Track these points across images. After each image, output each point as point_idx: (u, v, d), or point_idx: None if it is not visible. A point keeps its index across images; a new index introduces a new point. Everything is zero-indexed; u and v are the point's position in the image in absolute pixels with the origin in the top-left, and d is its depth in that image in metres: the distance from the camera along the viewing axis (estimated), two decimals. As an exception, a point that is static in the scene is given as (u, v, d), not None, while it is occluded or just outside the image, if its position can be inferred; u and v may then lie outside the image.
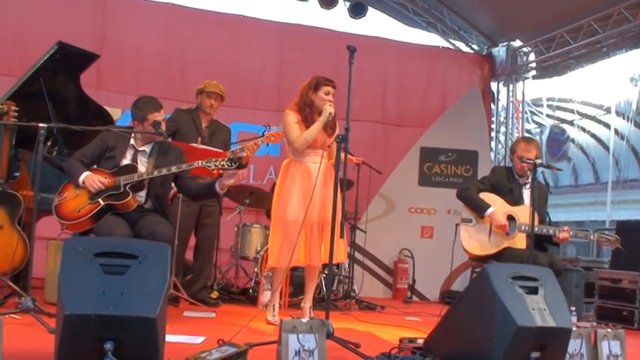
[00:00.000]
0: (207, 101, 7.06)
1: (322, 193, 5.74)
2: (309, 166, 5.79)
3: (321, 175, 5.72)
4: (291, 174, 5.85)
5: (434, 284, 9.93)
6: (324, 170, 5.78)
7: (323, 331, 3.62)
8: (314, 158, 5.82)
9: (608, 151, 15.66)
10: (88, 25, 9.18)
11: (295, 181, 5.78)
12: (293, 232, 5.62)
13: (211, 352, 3.59)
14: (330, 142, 5.87)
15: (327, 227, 5.71)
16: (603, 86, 14.46)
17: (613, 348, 4.29)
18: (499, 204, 6.07)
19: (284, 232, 5.74)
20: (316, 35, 10.54)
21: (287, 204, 5.76)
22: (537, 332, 3.76)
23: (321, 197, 5.73)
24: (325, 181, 5.81)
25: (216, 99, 7.09)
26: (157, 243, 3.57)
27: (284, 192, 5.83)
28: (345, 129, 4.75)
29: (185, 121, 6.98)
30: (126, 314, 3.01)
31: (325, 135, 5.83)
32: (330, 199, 5.79)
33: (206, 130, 7.07)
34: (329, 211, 5.75)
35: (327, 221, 5.73)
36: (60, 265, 3.13)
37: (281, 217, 5.79)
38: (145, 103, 5.40)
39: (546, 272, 4.13)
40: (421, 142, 10.40)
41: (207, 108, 7.06)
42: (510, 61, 11.48)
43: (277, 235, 5.81)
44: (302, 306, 6.08)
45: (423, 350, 4.13)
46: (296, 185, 5.77)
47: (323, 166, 5.78)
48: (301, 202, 5.67)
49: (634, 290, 7.55)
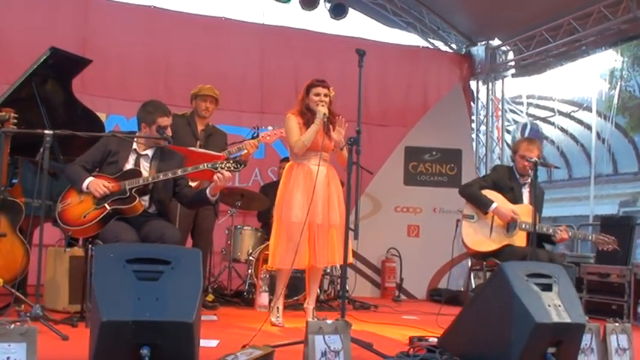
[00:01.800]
0: (202, 105, 7.10)
1: (325, 194, 5.79)
2: (312, 168, 5.81)
3: (323, 176, 5.77)
4: (294, 177, 5.87)
5: (421, 282, 10.04)
6: (325, 172, 5.83)
7: (348, 331, 3.67)
8: (315, 160, 5.83)
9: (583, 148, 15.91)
10: (70, 29, 9.07)
11: (299, 184, 5.81)
12: (297, 233, 5.62)
13: (237, 356, 3.62)
14: (333, 146, 5.90)
15: (332, 229, 5.78)
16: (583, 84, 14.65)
17: (621, 342, 4.39)
18: (500, 201, 6.17)
19: (288, 234, 5.75)
20: (297, 37, 10.55)
21: (291, 206, 5.78)
22: (554, 328, 3.84)
23: (323, 199, 5.77)
24: (328, 183, 5.86)
25: (211, 102, 7.14)
26: (187, 248, 3.59)
27: (287, 194, 5.85)
28: (356, 131, 4.75)
29: (181, 126, 6.97)
30: (163, 319, 3.03)
31: (326, 137, 5.83)
32: (333, 200, 5.85)
33: (202, 133, 7.10)
34: (333, 213, 5.82)
35: (332, 223, 5.79)
36: (93, 273, 3.14)
37: (285, 220, 5.80)
38: (155, 107, 5.42)
39: (558, 269, 4.21)
40: (406, 142, 10.51)
41: (202, 111, 7.11)
42: (489, 60, 11.58)
43: (281, 236, 5.82)
44: (305, 307, 6.12)
45: (440, 348, 4.16)
46: (299, 187, 5.80)
47: (324, 168, 5.83)
48: (305, 204, 5.69)
49: (622, 284, 7.69)
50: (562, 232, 6.07)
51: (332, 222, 5.79)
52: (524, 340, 3.79)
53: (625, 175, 15.62)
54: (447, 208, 9.87)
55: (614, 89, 15.03)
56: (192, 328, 3.07)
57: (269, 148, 9.56)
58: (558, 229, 6.10)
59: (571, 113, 15.90)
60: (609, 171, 14.98)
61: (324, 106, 5.82)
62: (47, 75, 6.45)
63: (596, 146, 14.46)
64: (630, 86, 15.76)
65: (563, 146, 17.34)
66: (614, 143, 14.67)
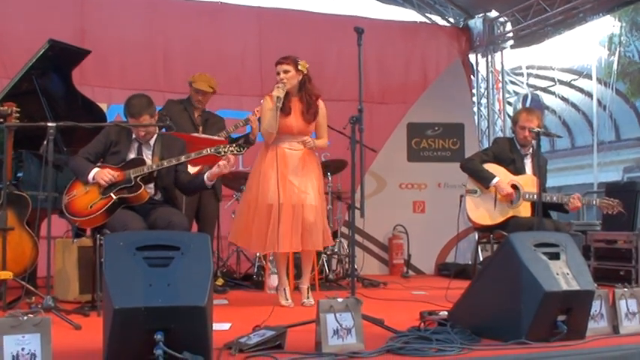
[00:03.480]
0: (195, 97, 7.13)
1: (299, 177, 5.73)
2: (286, 152, 5.77)
3: (297, 159, 5.73)
4: (268, 158, 5.79)
5: (429, 258, 10.04)
6: (300, 155, 5.78)
7: (359, 308, 3.69)
8: (291, 144, 5.80)
9: (585, 116, 15.89)
10: (68, 20, 9.04)
11: (274, 166, 5.71)
12: (272, 216, 5.61)
13: (250, 337, 3.64)
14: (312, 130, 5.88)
15: (305, 211, 5.71)
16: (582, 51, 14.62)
17: (630, 306, 4.42)
18: (502, 174, 6.17)
19: (263, 216, 5.69)
20: (294, 18, 10.51)
21: (267, 188, 5.70)
22: (563, 296, 3.88)
23: (299, 182, 5.71)
24: (304, 167, 5.79)
25: (204, 95, 7.12)
26: (196, 233, 3.61)
27: (262, 176, 5.78)
28: (358, 110, 4.74)
29: (177, 112, 6.98)
30: (175, 304, 3.05)
31: (302, 120, 5.80)
32: (306, 183, 5.78)
33: (199, 119, 7.11)
34: (306, 196, 5.73)
35: (306, 204, 5.72)
36: (104, 262, 3.16)
37: (261, 202, 5.72)
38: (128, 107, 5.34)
39: (565, 238, 4.25)
40: (408, 118, 10.48)
41: (196, 102, 7.13)
42: (487, 32, 11.52)
43: (257, 219, 5.74)
44: (300, 287, 6.08)
45: (450, 322, 4.18)
46: (274, 169, 5.69)
47: (300, 152, 5.79)
48: (280, 186, 5.64)
49: (629, 250, 7.72)
50: (575, 200, 6.05)
51: (309, 202, 5.73)
52: (534, 310, 3.83)
53: (628, 140, 15.60)
54: (451, 182, 9.85)
55: (613, 55, 15.02)
56: (205, 311, 3.09)
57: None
58: (571, 197, 6.09)
59: (571, 82, 15.89)
60: (612, 138, 15.01)
61: (278, 88, 5.69)
62: (47, 67, 6.44)
63: (598, 113, 14.47)
64: (629, 51, 15.72)
65: (565, 115, 17.34)
66: (615, 110, 14.68)
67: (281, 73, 5.77)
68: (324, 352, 3.49)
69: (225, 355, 3.48)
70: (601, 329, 4.26)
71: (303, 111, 5.81)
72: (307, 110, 5.81)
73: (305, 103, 5.83)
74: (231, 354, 3.49)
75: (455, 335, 3.87)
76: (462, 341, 3.78)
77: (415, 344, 3.70)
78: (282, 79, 5.74)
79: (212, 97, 7.34)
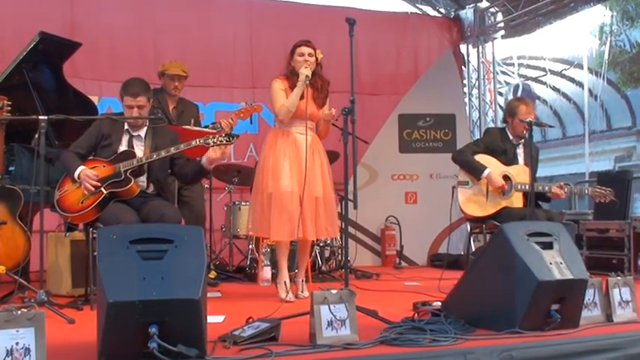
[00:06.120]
0: (170, 84, 6.92)
1: (310, 165, 5.64)
2: (297, 137, 5.74)
3: (308, 146, 5.64)
4: (280, 145, 5.76)
5: (421, 249, 10.07)
6: (310, 141, 5.71)
7: (353, 300, 3.69)
8: (301, 129, 5.76)
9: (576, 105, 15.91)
10: (57, 12, 8.99)
11: (285, 153, 5.70)
12: (289, 203, 5.58)
13: (244, 329, 3.64)
14: (321, 114, 5.85)
15: (317, 200, 5.71)
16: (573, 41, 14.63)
17: (624, 294, 4.44)
18: (494, 165, 6.15)
19: (281, 204, 5.63)
20: (285, 9, 10.47)
21: (279, 175, 5.66)
22: (556, 285, 3.89)
23: (310, 170, 5.62)
24: (313, 153, 5.74)
25: (179, 80, 6.95)
26: (189, 226, 3.60)
27: (274, 162, 5.73)
28: (350, 101, 4.73)
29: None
30: (169, 297, 3.04)
31: (314, 105, 5.77)
32: (317, 171, 5.74)
33: (174, 111, 6.96)
34: (317, 184, 5.72)
35: (317, 194, 5.70)
36: (97, 255, 3.15)
37: (275, 189, 5.67)
38: (124, 86, 5.37)
39: (558, 227, 4.26)
40: (399, 109, 10.49)
41: (172, 90, 6.93)
42: (478, 23, 11.52)
43: (271, 207, 5.69)
44: (295, 280, 6.01)
45: (444, 312, 4.19)
46: (286, 156, 5.68)
47: (310, 137, 5.72)
48: (293, 174, 5.63)
49: (622, 238, 7.76)
50: (555, 188, 6.05)
51: (316, 193, 5.71)
52: (527, 299, 3.84)
53: (619, 130, 15.62)
54: (443, 173, 9.88)
55: (604, 45, 15.02)
56: (199, 304, 3.09)
57: (262, 122, 9.51)
58: (553, 185, 6.11)
59: (562, 71, 15.91)
60: (603, 127, 15.02)
61: (307, 68, 5.69)
62: (38, 60, 6.40)
63: (589, 103, 14.49)
64: (620, 40, 15.72)
65: (556, 105, 17.33)
66: (606, 99, 14.69)
67: (306, 54, 5.77)
68: (318, 343, 3.48)
69: (219, 347, 3.48)
70: (595, 318, 4.28)
71: (314, 96, 5.80)
72: (319, 95, 5.81)
73: (316, 88, 5.82)
74: (226, 346, 3.49)
75: (449, 325, 3.87)
76: (456, 331, 3.79)
77: (409, 335, 3.70)
78: (308, 60, 5.75)
79: (203, 90, 7.29)
